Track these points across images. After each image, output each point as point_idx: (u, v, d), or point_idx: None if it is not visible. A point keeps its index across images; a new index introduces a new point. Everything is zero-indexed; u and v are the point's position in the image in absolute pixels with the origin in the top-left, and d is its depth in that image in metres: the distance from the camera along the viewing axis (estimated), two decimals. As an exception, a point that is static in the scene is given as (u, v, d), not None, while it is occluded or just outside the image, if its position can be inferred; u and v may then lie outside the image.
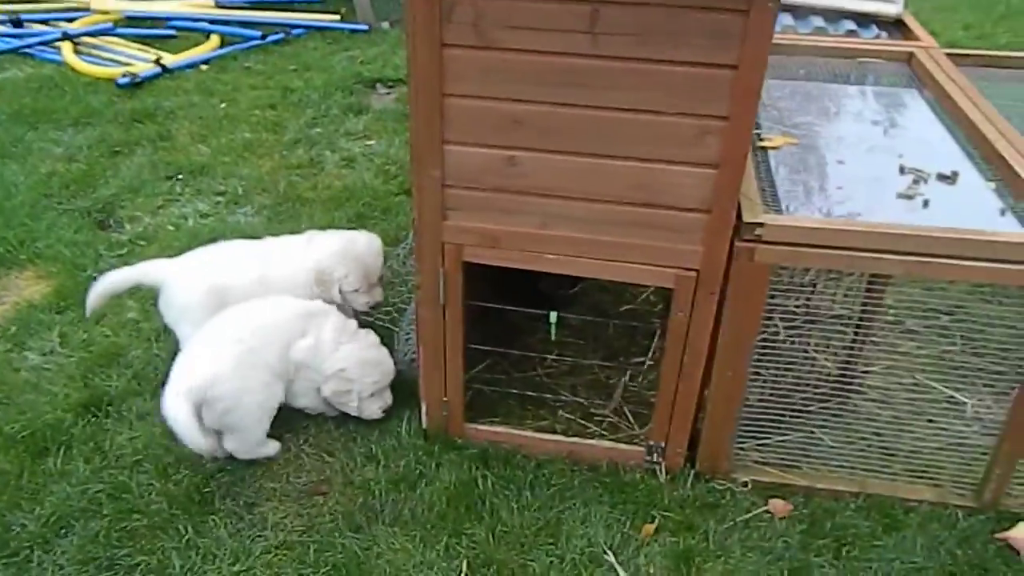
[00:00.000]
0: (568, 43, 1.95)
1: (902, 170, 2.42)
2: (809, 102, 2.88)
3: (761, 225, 2.09)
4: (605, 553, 2.32)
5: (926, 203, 2.27)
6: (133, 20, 6.17)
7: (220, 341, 2.57)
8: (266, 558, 2.31)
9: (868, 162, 2.50)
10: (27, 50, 5.62)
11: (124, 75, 5.14)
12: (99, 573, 2.25)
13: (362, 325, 2.82)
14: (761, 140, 2.55)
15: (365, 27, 6.24)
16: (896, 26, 3.55)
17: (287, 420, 2.68)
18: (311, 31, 6.18)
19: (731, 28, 1.85)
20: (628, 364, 3.00)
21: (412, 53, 2.03)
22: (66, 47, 5.53)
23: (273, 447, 2.62)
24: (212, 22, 6.10)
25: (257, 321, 2.62)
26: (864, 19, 3.56)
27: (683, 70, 1.93)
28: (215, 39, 5.85)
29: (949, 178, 2.36)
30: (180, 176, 4.20)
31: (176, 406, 2.39)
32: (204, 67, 5.51)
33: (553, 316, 2.49)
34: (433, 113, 2.10)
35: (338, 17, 6.34)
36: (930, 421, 2.62)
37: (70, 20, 6.03)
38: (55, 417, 2.69)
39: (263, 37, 5.89)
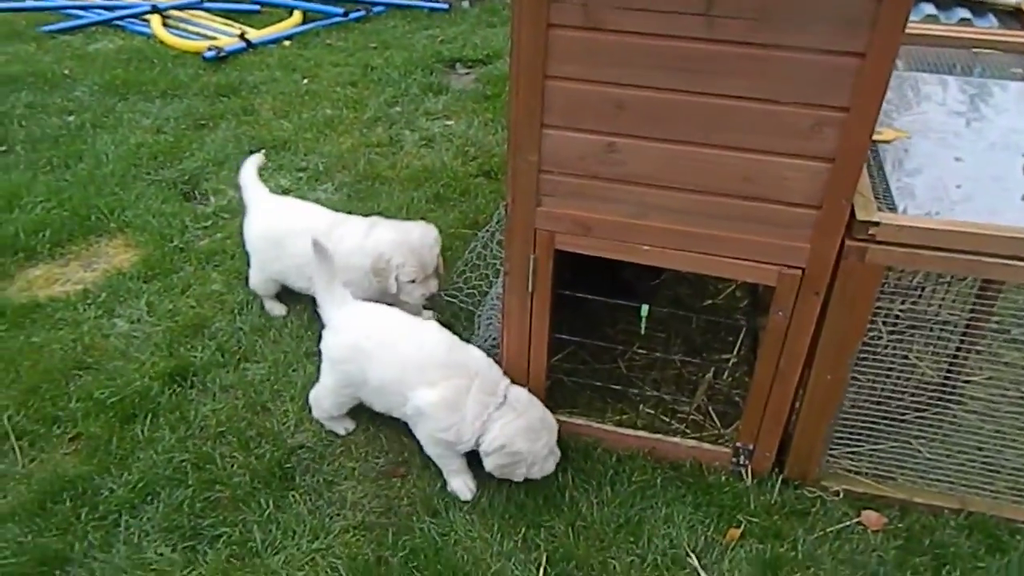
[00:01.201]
0: (681, 26, 1.86)
1: (1027, 170, 2.27)
2: (920, 94, 2.72)
3: (876, 224, 1.98)
4: (688, 556, 2.26)
5: (1056, 207, 2.12)
6: (219, -6, 6.25)
7: (365, 316, 2.58)
8: (345, 537, 2.31)
9: (988, 160, 2.34)
10: (118, 22, 5.74)
11: (210, 49, 5.21)
12: (183, 541, 2.28)
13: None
14: (871, 133, 2.41)
15: (445, 6, 6.20)
16: (1014, 16, 3.35)
17: (367, 400, 2.68)
18: (391, 9, 6.17)
19: (861, 13, 1.74)
20: (712, 361, 2.90)
21: (516, 33, 1.97)
22: (155, 20, 5.64)
23: (340, 428, 2.63)
24: (295, -2, 6.14)
25: (394, 340, 2.47)
26: (979, 7, 3.36)
27: (804, 57, 1.83)
28: (297, 15, 5.89)
29: (1081, 181, 2.20)
30: (263, 151, 4.22)
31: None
32: (287, 43, 5.55)
33: (645, 309, 2.41)
34: (534, 96, 2.03)
35: (419, -5, 6.31)
36: (1036, 438, 2.47)
37: (159, -7, 6.14)
38: (143, 385, 2.74)
39: (345, 14, 5.90)
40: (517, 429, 2.31)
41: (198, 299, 3.17)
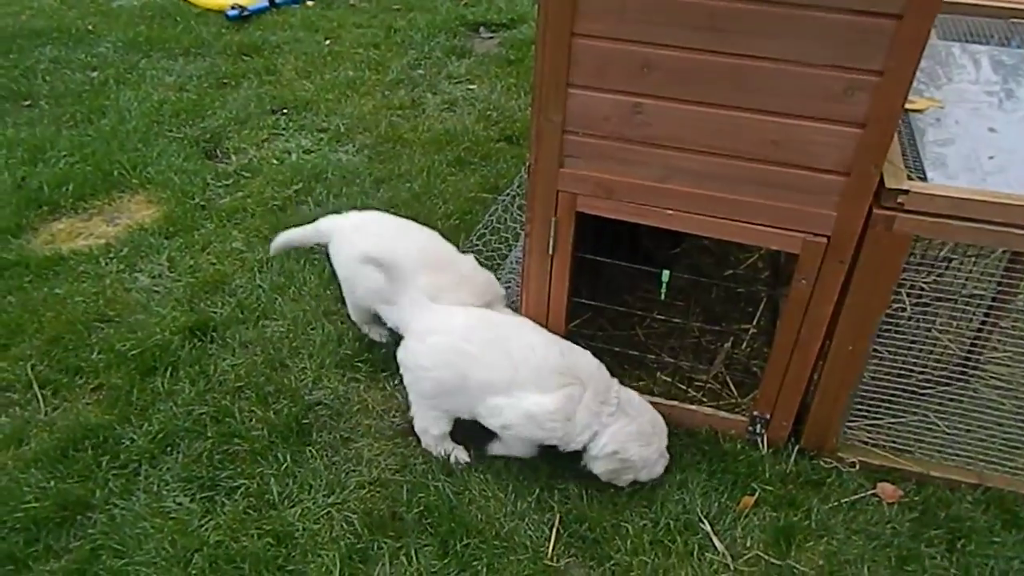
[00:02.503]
0: (713, -17, 1.83)
1: (1063, 142, 2.21)
2: (953, 63, 2.65)
3: (905, 192, 1.94)
4: (701, 521, 2.26)
5: (1091, 179, 2.06)
6: (242, -47, 6.20)
7: (460, 318, 2.35)
8: (360, 493, 2.33)
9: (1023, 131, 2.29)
10: (141, -21, 5.72)
11: (233, 7, 5.18)
12: (202, 492, 2.32)
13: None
14: (903, 101, 2.36)
15: (470, -31, 6.11)
16: (1055, -15, 3.24)
17: (384, 361, 2.69)
18: (415, -29, 6.09)
19: (900, -28, 1.69)
20: (731, 330, 2.88)
21: (543, -12, 1.94)
22: (178, -23, 5.62)
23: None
24: (318, -42, 6.07)
25: (502, 338, 2.29)
26: (1019, -25, 3.26)
27: (838, 17, 1.78)
28: (321, -25, 5.84)
29: (1119, 154, 2.14)
30: (285, 111, 4.23)
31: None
32: (310, 3, 5.51)
33: (665, 275, 2.39)
34: (560, 54, 2.00)
35: (443, -43, 6.22)
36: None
37: (182, -49, 6.10)
38: (163, 338, 2.77)
39: (368, -25, 5.84)
40: (630, 435, 2.25)
41: (218, 256, 3.19)
